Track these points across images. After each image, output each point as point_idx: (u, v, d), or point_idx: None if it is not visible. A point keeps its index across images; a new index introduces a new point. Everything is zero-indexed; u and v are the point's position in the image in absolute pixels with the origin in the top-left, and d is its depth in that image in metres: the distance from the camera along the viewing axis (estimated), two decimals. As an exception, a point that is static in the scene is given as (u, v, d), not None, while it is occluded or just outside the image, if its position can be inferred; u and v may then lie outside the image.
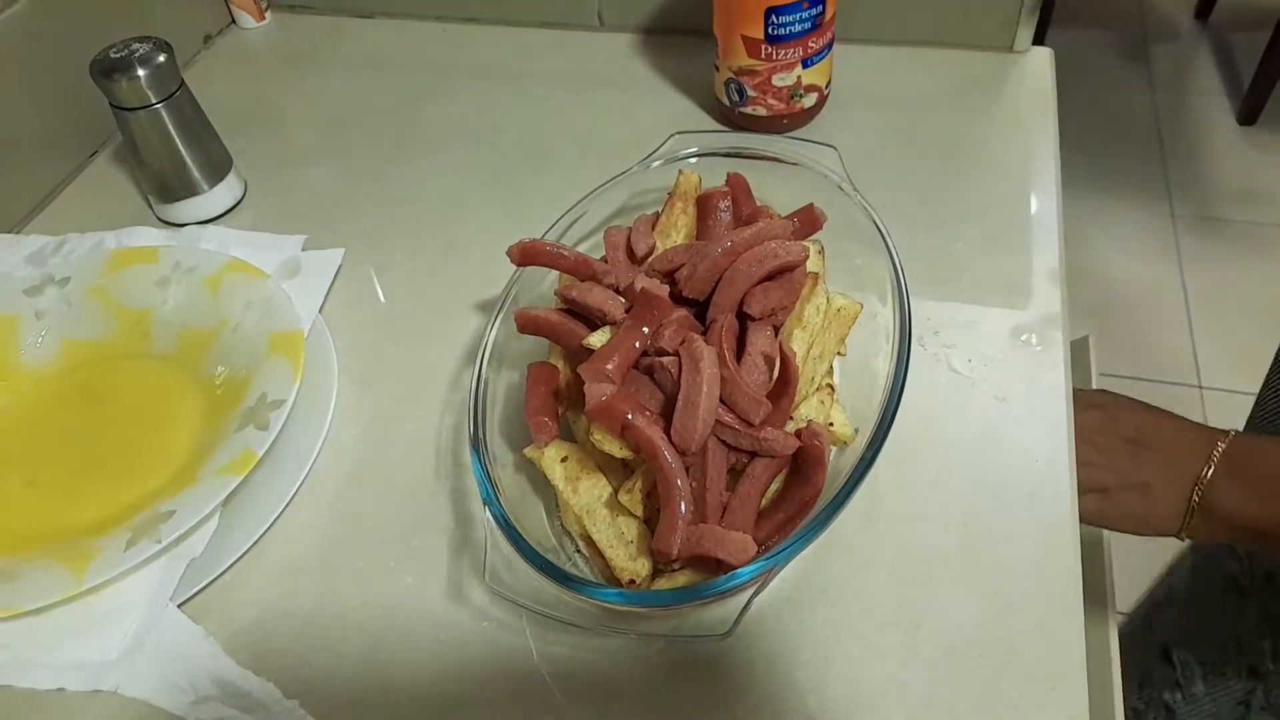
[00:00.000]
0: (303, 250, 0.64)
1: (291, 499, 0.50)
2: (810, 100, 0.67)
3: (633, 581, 0.42)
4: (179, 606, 0.46)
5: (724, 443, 0.43)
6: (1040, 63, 0.74)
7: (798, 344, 0.46)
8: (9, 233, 0.68)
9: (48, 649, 0.45)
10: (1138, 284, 1.94)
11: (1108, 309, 1.88)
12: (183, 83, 0.64)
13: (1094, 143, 2.24)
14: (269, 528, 0.49)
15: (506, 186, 0.70)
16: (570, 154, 0.72)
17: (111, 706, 0.44)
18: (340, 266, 0.63)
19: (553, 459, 0.45)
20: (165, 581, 0.46)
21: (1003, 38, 0.74)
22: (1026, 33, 0.74)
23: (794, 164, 0.54)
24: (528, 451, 0.46)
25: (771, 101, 0.67)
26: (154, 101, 0.62)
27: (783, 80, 0.65)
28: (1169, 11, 2.69)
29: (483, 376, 0.47)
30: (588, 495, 0.45)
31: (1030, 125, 0.69)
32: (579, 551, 0.46)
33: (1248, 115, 2.25)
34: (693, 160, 0.55)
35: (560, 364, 0.49)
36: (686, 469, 0.42)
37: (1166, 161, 2.21)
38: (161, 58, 0.61)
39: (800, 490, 0.43)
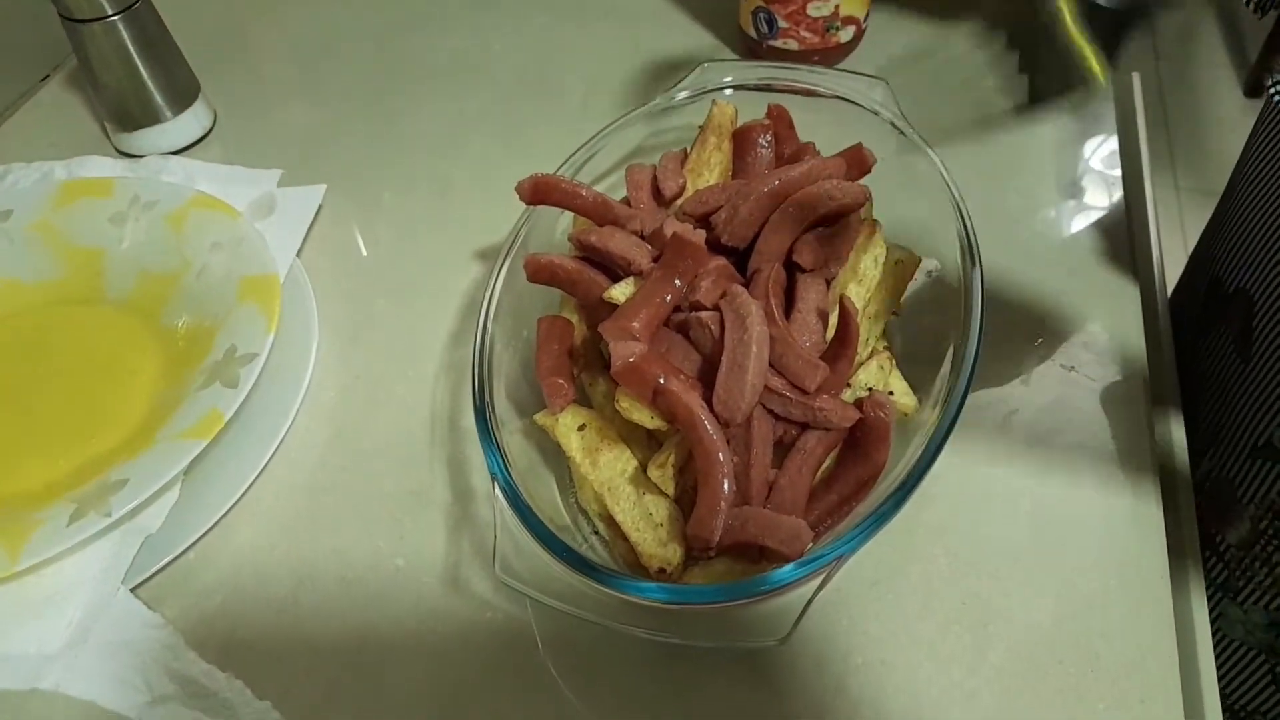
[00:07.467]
0: (279, 186, 0.57)
1: (264, 468, 0.44)
2: (847, 34, 0.61)
3: (663, 570, 0.36)
4: (132, 590, 0.40)
5: (771, 412, 0.37)
6: None
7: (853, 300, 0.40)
8: (-55, 162, 0.61)
9: (-24, 639, 0.38)
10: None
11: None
12: (144, -7, 0.56)
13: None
14: (238, 500, 0.43)
15: (506, 124, 0.63)
16: (577, 90, 0.65)
17: (52, 707, 0.37)
18: (321, 206, 0.56)
19: (568, 427, 0.39)
20: (116, 561, 0.40)
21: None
22: (1079, -30, 0.67)
23: (842, 99, 0.47)
24: (539, 418, 0.40)
25: (804, 34, 0.60)
26: (110, 13, 0.55)
27: (818, 9, 0.58)
28: (1175, -22, 2.63)
29: (489, 330, 0.40)
30: (609, 469, 0.38)
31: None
32: (596, 533, 0.40)
33: (1254, 88, 2.20)
34: (727, 92, 0.49)
35: (575, 319, 0.43)
36: (728, 441, 0.36)
37: (1171, 132, 2.16)
38: (119, -38, 0.54)
39: (858, 468, 0.37)
